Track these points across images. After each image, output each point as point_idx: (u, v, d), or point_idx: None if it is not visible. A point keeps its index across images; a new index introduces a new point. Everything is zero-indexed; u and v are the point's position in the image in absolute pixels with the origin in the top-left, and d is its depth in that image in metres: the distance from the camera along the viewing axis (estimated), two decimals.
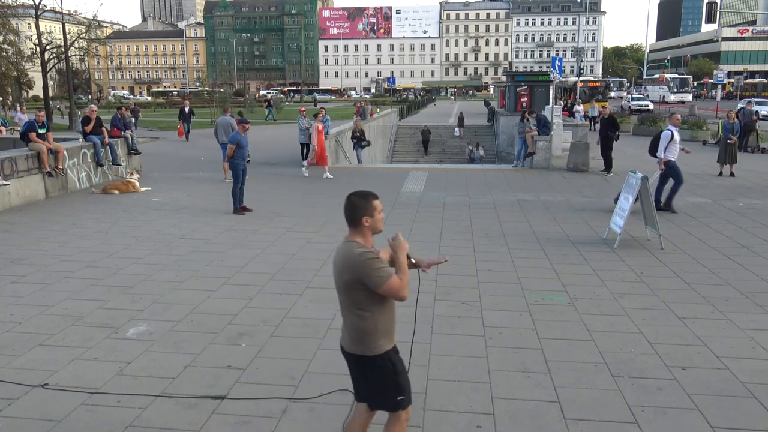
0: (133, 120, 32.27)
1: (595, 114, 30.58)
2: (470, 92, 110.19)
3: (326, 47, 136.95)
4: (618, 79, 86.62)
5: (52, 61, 41.35)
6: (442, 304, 6.41)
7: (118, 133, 16.24)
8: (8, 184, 11.73)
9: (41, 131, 12.93)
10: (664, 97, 64.33)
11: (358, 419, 3.62)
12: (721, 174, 15.93)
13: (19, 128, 18.71)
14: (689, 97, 66.19)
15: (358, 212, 3.33)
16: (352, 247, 3.24)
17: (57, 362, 5.04)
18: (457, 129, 43.27)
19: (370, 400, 3.48)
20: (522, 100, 32.63)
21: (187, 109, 28.23)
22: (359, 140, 21.20)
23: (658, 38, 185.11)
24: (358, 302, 3.23)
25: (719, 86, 44.10)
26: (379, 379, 3.35)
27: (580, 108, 34.01)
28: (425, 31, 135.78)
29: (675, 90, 66.03)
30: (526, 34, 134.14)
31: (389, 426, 3.47)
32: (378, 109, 39.50)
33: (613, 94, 71.12)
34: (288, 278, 7.32)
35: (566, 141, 20.26)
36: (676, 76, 73.63)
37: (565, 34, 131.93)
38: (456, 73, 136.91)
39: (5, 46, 37.58)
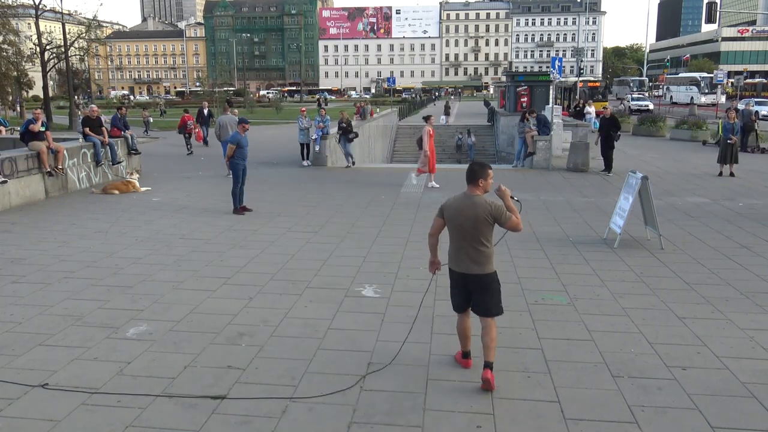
0: (147, 121, 32.01)
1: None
2: (460, 92, 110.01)
3: (326, 47, 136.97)
4: (638, 78, 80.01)
5: (52, 61, 41.40)
6: (443, 304, 6.39)
7: (118, 133, 16.24)
8: (7, 181, 11.72)
9: (41, 129, 12.92)
10: (692, 98, 54.79)
11: (465, 321, 4.91)
12: (721, 174, 15.93)
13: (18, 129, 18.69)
14: (722, 99, 55.39)
15: (477, 175, 4.60)
16: (479, 197, 4.57)
17: (57, 362, 5.04)
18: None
19: (488, 308, 4.66)
20: (522, 100, 32.64)
21: (206, 111, 25.59)
22: (345, 132, 19.39)
23: (658, 38, 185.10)
24: (486, 235, 4.54)
25: (719, 86, 43.89)
26: (495, 290, 4.65)
27: (591, 109, 31.71)
28: (425, 31, 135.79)
29: (706, 90, 56.81)
30: (526, 34, 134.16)
31: (490, 329, 4.64)
32: (378, 110, 39.51)
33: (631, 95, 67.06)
34: (288, 278, 7.32)
35: (566, 141, 20.27)
36: (707, 74, 63.69)
37: (565, 34, 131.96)
38: (456, 73, 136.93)
39: (5, 46, 37.62)
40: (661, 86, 71.82)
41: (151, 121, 30.41)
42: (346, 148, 19.33)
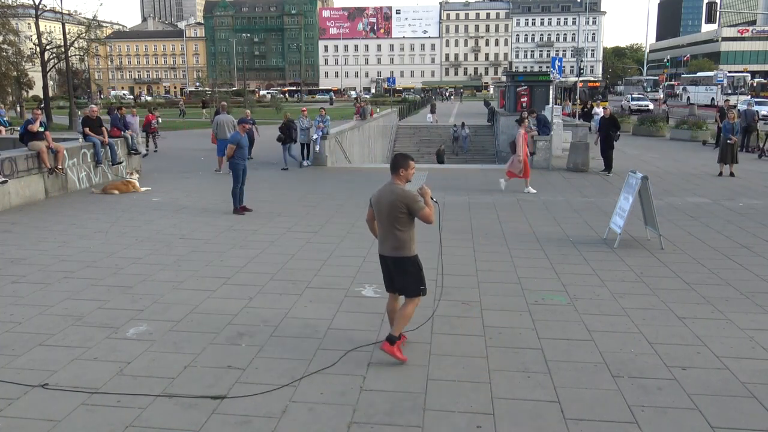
0: (157, 122, 31.46)
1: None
2: (462, 93, 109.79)
3: (326, 47, 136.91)
4: (652, 78, 74.88)
5: (52, 61, 41.36)
6: (442, 304, 6.40)
7: (118, 133, 16.25)
8: (7, 181, 11.72)
9: (40, 129, 12.92)
10: (713, 99, 49.78)
11: (393, 302, 5.24)
12: (721, 174, 15.93)
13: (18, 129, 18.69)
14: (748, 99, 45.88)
15: (398, 165, 4.99)
16: (397, 186, 4.97)
17: (57, 362, 5.04)
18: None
19: (404, 288, 5.06)
20: (522, 100, 32.64)
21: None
22: (282, 140, 17.86)
23: (658, 38, 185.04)
24: (401, 221, 4.90)
25: (718, 86, 43.60)
26: (411, 273, 5.00)
27: (600, 110, 28.78)
28: (425, 31, 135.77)
29: (729, 90, 51.25)
30: (526, 34, 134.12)
31: (406, 304, 5.04)
32: (378, 109, 39.53)
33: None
34: (288, 278, 7.32)
35: (566, 141, 20.27)
36: (731, 73, 58.46)
37: (565, 34, 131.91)
38: (456, 73, 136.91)
39: (5, 46, 37.60)
40: (680, 86, 66.34)
41: (160, 122, 30.27)
42: (287, 155, 18.25)
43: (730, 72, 61.36)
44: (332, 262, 8.02)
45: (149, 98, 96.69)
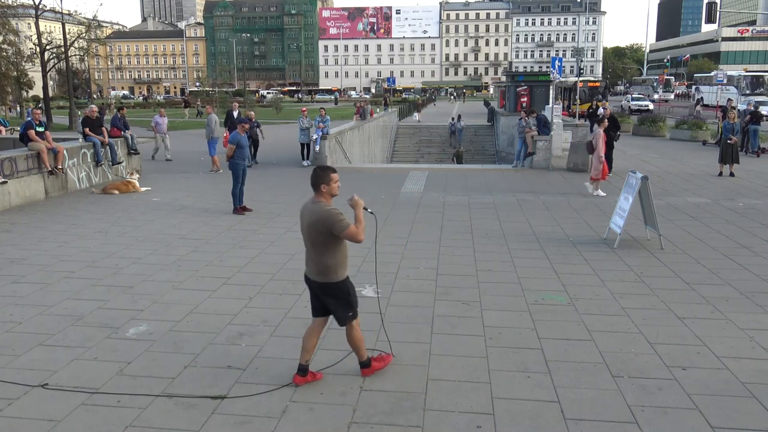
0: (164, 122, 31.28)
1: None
2: (464, 93, 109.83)
3: (326, 47, 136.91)
4: (666, 77, 71.07)
5: (52, 61, 41.38)
6: (442, 304, 6.41)
7: (118, 133, 16.24)
8: (7, 182, 11.72)
9: (39, 129, 12.94)
10: (731, 101, 48.59)
11: (316, 328, 4.71)
12: (721, 174, 15.93)
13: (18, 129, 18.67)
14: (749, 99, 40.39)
15: (319, 180, 4.40)
16: (319, 204, 4.36)
17: (57, 362, 5.04)
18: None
19: (334, 314, 4.57)
20: (522, 100, 32.64)
21: (235, 113, 20.76)
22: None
23: (658, 38, 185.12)
24: (323, 243, 4.36)
25: (718, 87, 43.44)
26: (341, 300, 4.50)
27: (602, 110, 29.78)
28: (425, 31, 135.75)
29: (747, 91, 47.75)
30: (526, 34, 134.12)
31: (348, 335, 4.64)
32: (378, 110, 39.55)
33: (656, 96, 59.70)
34: (288, 278, 7.32)
35: (566, 141, 20.27)
36: (747, 72, 54.93)
37: (565, 34, 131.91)
38: (456, 73, 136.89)
39: (5, 46, 37.62)
40: (695, 86, 61.69)
41: (166, 122, 30.25)
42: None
43: (747, 72, 58.16)
44: None
45: (160, 98, 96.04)
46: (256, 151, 19.41)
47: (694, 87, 61.08)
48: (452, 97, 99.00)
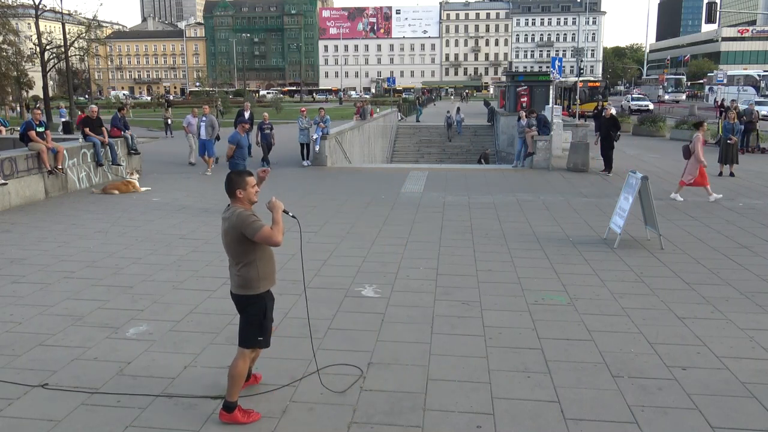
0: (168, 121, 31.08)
1: None
2: (467, 94, 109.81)
3: (326, 47, 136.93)
4: (673, 77, 67.63)
5: (52, 61, 41.34)
6: (442, 304, 6.41)
7: (118, 133, 16.24)
8: (6, 183, 11.73)
9: (39, 129, 12.94)
10: (734, 101, 37.57)
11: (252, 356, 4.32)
12: (721, 174, 15.92)
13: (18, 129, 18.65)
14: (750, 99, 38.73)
15: (234, 186, 4.01)
16: (233, 210, 3.98)
17: (57, 362, 5.04)
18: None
19: (239, 334, 4.17)
20: (522, 100, 32.64)
21: (247, 114, 19.28)
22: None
23: (658, 38, 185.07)
24: (238, 251, 4.01)
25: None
26: (250, 316, 4.12)
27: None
28: (425, 31, 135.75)
29: (767, 92, 43.86)
30: (526, 34, 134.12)
31: (236, 359, 4.12)
32: (378, 110, 39.53)
33: (667, 96, 58.46)
34: (288, 278, 7.31)
35: (566, 141, 20.27)
36: (766, 72, 50.96)
37: (565, 34, 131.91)
38: (456, 73, 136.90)
39: (5, 46, 37.59)
40: (712, 87, 57.68)
41: (172, 122, 30.26)
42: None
43: (765, 71, 55.05)
44: (332, 262, 8.02)
45: (172, 97, 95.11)
46: (268, 154, 19.01)
47: (707, 87, 58.87)
48: (461, 96, 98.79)
